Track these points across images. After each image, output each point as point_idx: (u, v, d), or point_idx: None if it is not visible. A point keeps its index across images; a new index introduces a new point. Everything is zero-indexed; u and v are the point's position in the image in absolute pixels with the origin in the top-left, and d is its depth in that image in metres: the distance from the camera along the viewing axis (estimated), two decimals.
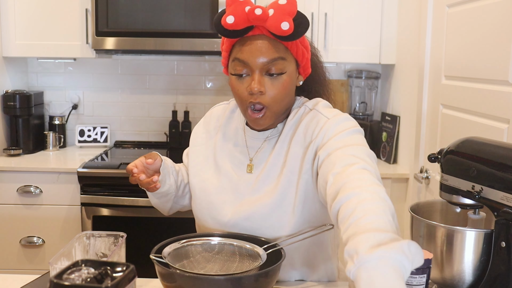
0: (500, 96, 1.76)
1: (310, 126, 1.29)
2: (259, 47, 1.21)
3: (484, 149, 1.17)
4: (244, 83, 1.25)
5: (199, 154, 1.41)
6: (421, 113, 2.46)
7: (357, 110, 3.18)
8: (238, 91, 1.26)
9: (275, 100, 1.25)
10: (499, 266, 1.10)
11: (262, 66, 1.23)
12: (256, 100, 1.24)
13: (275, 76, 1.24)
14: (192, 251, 1.23)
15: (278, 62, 1.23)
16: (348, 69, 3.28)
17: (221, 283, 1.06)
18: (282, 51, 1.24)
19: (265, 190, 1.30)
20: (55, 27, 2.90)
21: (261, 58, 1.22)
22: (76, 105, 3.29)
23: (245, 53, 1.22)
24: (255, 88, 1.22)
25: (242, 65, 1.24)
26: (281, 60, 1.23)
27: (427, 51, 2.39)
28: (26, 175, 2.69)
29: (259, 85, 1.22)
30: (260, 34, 1.22)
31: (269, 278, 1.11)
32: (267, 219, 1.29)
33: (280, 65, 1.23)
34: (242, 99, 1.26)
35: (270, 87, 1.24)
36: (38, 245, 2.73)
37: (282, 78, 1.24)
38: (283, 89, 1.25)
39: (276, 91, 1.24)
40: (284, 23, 1.18)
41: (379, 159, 3.03)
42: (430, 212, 1.34)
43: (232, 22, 1.19)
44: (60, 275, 0.88)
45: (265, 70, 1.23)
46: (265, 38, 1.22)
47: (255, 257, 1.20)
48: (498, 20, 1.78)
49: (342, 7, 2.90)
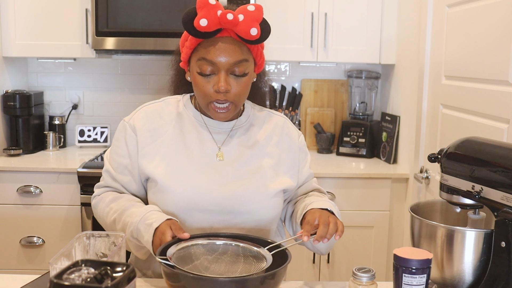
0: (500, 96, 1.76)
1: (283, 130, 1.50)
2: (226, 49, 1.30)
3: (484, 149, 1.17)
4: (210, 82, 1.33)
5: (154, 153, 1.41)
6: (421, 113, 2.46)
7: (357, 110, 3.18)
8: (203, 88, 1.33)
9: (239, 97, 1.35)
10: (499, 266, 1.10)
11: (228, 67, 1.31)
12: (222, 98, 1.32)
13: (238, 76, 1.33)
14: (196, 252, 1.22)
15: (242, 64, 1.33)
16: (348, 69, 3.28)
17: (227, 285, 1.05)
18: (245, 53, 1.33)
19: (241, 175, 1.40)
20: (55, 27, 2.90)
21: (227, 59, 1.30)
22: (76, 105, 3.29)
23: (212, 54, 1.30)
24: (222, 88, 1.30)
25: (209, 64, 1.31)
26: (245, 62, 1.33)
27: (427, 51, 2.39)
28: (26, 175, 2.69)
29: (226, 84, 1.31)
30: (227, 36, 1.31)
31: (275, 280, 1.11)
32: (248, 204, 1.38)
33: (244, 67, 1.33)
34: (206, 96, 1.34)
35: (235, 86, 1.33)
36: (38, 245, 2.73)
37: (245, 78, 1.34)
38: (246, 87, 1.36)
39: (240, 89, 1.34)
40: (253, 29, 1.28)
41: (379, 159, 3.03)
42: (430, 212, 1.34)
43: (205, 25, 1.27)
44: (60, 275, 0.88)
45: (230, 70, 1.32)
46: (232, 40, 1.31)
47: (260, 258, 1.20)
48: (498, 20, 1.78)
49: (342, 7, 2.90)
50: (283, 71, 3.31)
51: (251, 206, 1.39)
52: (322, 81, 3.28)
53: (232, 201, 1.37)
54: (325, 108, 3.29)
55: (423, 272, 1.07)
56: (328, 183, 2.67)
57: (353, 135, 3.08)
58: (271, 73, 3.30)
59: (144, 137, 1.42)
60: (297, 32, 2.92)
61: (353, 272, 1.14)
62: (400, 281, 1.09)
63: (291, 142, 1.49)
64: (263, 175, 1.42)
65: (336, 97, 3.30)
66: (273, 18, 2.91)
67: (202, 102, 1.36)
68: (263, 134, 1.46)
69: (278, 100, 3.25)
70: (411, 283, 1.07)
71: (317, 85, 3.28)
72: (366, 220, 2.72)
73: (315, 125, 3.20)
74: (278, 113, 1.54)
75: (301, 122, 3.29)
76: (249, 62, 1.34)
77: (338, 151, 3.12)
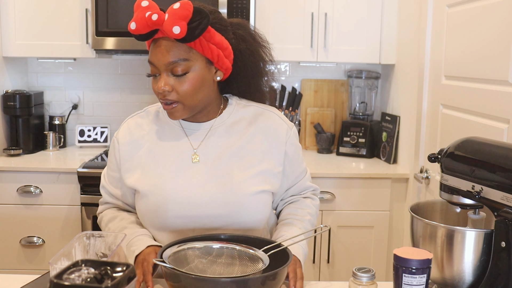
0: (500, 96, 1.76)
1: (276, 127, 1.45)
2: (162, 49, 1.30)
3: (484, 149, 1.17)
4: (155, 82, 1.34)
5: (135, 165, 1.42)
6: (421, 113, 2.46)
7: (357, 110, 3.18)
8: (153, 89, 1.35)
9: (185, 96, 1.32)
10: (499, 266, 1.10)
11: (166, 67, 1.31)
12: (165, 97, 1.32)
13: (180, 76, 1.31)
14: (192, 255, 1.22)
15: (180, 63, 1.30)
16: (348, 69, 3.28)
17: (228, 285, 1.06)
18: (184, 52, 1.30)
19: (217, 177, 1.38)
20: (55, 27, 2.90)
21: (163, 60, 1.30)
22: (76, 105, 3.29)
23: (151, 55, 1.32)
24: (161, 88, 1.31)
25: (153, 66, 1.33)
26: (183, 61, 1.30)
27: (427, 51, 2.39)
28: (26, 175, 2.69)
29: (164, 84, 1.31)
30: (164, 36, 1.30)
31: (276, 280, 1.11)
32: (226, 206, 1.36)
33: (183, 66, 1.30)
34: (157, 96, 1.35)
35: (177, 85, 1.31)
36: (38, 245, 2.73)
37: (188, 76, 1.31)
38: (191, 86, 1.32)
39: (184, 88, 1.32)
40: (175, 27, 1.24)
41: (379, 159, 3.03)
42: (430, 212, 1.34)
43: (135, 28, 1.28)
44: (60, 275, 0.88)
45: (169, 70, 1.31)
46: (168, 40, 1.30)
47: (256, 260, 1.20)
48: (498, 20, 1.78)
49: (342, 7, 2.90)
50: (283, 71, 3.31)
51: (229, 209, 1.36)
52: (322, 81, 3.28)
53: (210, 205, 1.35)
54: (325, 108, 3.29)
55: (423, 272, 1.07)
56: (328, 183, 2.67)
57: (353, 135, 3.08)
58: None
59: (125, 150, 1.43)
60: (297, 32, 2.92)
61: (353, 272, 1.14)
62: (400, 281, 1.09)
63: (277, 138, 1.44)
64: (242, 175, 1.38)
65: (336, 97, 3.30)
66: (273, 18, 2.91)
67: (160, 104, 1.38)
68: (245, 131, 1.42)
69: (278, 100, 3.25)
70: (411, 283, 1.07)
71: (317, 85, 3.28)
72: (366, 220, 2.71)
73: (315, 125, 3.20)
74: (267, 107, 1.49)
75: (301, 122, 3.29)
76: (191, 61, 1.31)
77: (338, 151, 3.12)
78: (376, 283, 1.14)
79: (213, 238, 1.27)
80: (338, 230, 2.70)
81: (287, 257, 1.18)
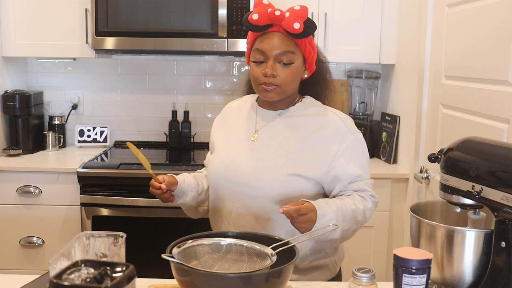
0: (500, 96, 1.76)
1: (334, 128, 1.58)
2: (275, 41, 1.52)
3: (484, 149, 1.17)
4: (260, 68, 1.55)
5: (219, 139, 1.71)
6: (421, 113, 2.46)
7: (357, 110, 3.18)
8: (255, 73, 1.56)
9: (283, 82, 1.54)
10: (499, 266, 1.10)
11: (276, 56, 1.53)
12: (268, 81, 1.53)
13: (285, 65, 1.54)
14: (201, 251, 1.24)
15: (288, 54, 1.53)
16: (348, 69, 3.28)
17: (234, 281, 1.06)
18: (292, 47, 1.54)
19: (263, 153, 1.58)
20: (55, 27, 2.90)
21: (275, 49, 1.52)
22: (76, 105, 3.29)
23: (264, 44, 1.53)
24: (269, 71, 1.52)
25: (261, 53, 1.54)
26: (291, 53, 1.53)
27: (427, 51, 2.39)
28: (25, 175, 2.69)
29: (272, 69, 1.52)
30: (277, 31, 1.53)
31: (281, 278, 1.11)
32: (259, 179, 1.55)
33: (290, 57, 1.53)
34: (257, 80, 1.56)
35: (281, 72, 1.53)
36: (37, 245, 2.73)
37: (291, 67, 1.54)
38: (291, 75, 1.55)
39: (285, 75, 1.54)
40: (296, 23, 1.48)
41: (379, 159, 3.03)
42: (430, 212, 1.34)
43: (256, 19, 1.51)
44: (60, 275, 0.88)
45: (278, 59, 1.53)
46: (281, 35, 1.53)
47: (263, 257, 1.21)
48: (498, 20, 1.78)
49: (342, 7, 2.90)
50: None
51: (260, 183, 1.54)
52: None
53: (249, 175, 1.56)
54: None
55: (423, 272, 1.07)
56: None
57: None
58: None
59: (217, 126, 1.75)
60: None
61: (353, 272, 1.14)
62: (400, 281, 1.09)
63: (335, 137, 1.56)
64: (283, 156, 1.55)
65: (336, 97, 3.29)
66: None
67: (255, 85, 1.58)
68: (304, 125, 1.59)
69: None
70: (411, 283, 1.07)
71: None
72: None
73: None
74: (334, 110, 1.64)
75: None
76: (296, 54, 1.53)
77: None
78: (376, 283, 1.14)
79: (221, 235, 1.28)
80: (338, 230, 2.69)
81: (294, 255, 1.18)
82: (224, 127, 1.72)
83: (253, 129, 1.64)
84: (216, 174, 1.63)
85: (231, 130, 1.69)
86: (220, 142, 1.69)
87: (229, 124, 1.71)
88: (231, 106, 1.78)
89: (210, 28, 2.78)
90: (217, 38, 2.79)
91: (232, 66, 3.29)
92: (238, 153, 1.62)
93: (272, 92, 1.55)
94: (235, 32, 2.79)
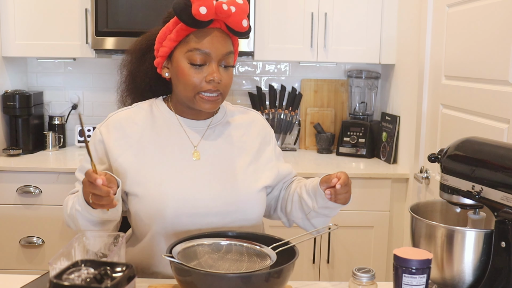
0: (500, 96, 1.76)
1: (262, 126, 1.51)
2: (219, 39, 1.31)
3: (484, 149, 1.17)
4: (202, 72, 1.32)
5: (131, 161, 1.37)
6: (421, 113, 2.46)
7: (357, 110, 3.18)
8: (192, 78, 1.32)
9: (227, 88, 1.36)
10: (499, 266, 1.10)
11: (221, 57, 1.32)
12: (214, 88, 1.32)
13: (226, 68, 1.35)
14: (201, 251, 1.24)
15: (231, 56, 1.35)
16: (348, 69, 3.28)
17: (234, 281, 1.07)
18: (231, 46, 1.36)
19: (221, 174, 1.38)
20: (55, 27, 2.90)
21: (222, 49, 1.32)
22: (76, 105, 3.29)
23: (206, 44, 1.30)
24: (216, 77, 1.31)
25: (202, 55, 1.31)
26: (232, 54, 1.36)
27: (427, 51, 2.39)
28: (25, 175, 2.69)
29: (219, 74, 1.32)
30: (218, 27, 1.32)
31: (281, 278, 1.11)
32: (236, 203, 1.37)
33: (231, 58, 1.36)
34: (196, 86, 1.32)
35: (225, 76, 1.34)
36: (37, 245, 2.73)
37: (231, 69, 1.37)
38: (231, 78, 1.38)
39: (228, 80, 1.36)
40: (244, 21, 1.31)
41: (379, 159, 3.03)
42: (430, 212, 1.34)
43: (205, 13, 1.26)
44: (60, 275, 0.88)
45: (221, 61, 1.33)
46: (222, 32, 1.33)
47: (264, 257, 1.21)
48: (498, 20, 1.78)
49: (342, 7, 2.90)
50: (283, 71, 3.31)
51: (240, 206, 1.37)
52: (322, 81, 3.28)
53: (219, 202, 1.35)
54: (325, 108, 3.29)
55: (423, 272, 1.07)
56: None
57: (353, 135, 3.08)
58: (271, 73, 3.30)
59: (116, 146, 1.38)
60: (297, 32, 2.92)
61: (353, 272, 1.14)
62: (400, 281, 1.09)
63: (265, 137, 1.50)
64: (246, 172, 1.41)
65: (336, 97, 3.30)
66: (273, 18, 2.91)
67: (189, 94, 1.33)
68: (239, 130, 1.46)
69: (278, 100, 3.25)
70: (411, 283, 1.07)
71: (317, 85, 3.28)
72: (366, 220, 2.71)
73: (315, 125, 3.20)
74: (250, 109, 1.56)
75: (301, 122, 3.29)
76: (234, 55, 1.37)
77: (338, 151, 3.12)
78: (376, 283, 1.14)
79: (221, 235, 1.28)
80: (338, 230, 2.69)
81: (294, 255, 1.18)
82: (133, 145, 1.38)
83: (189, 146, 1.39)
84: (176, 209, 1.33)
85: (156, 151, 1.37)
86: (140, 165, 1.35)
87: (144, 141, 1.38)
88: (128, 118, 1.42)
89: None
90: None
91: None
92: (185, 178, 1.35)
93: (216, 102, 1.34)
94: None
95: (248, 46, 2.82)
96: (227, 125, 1.45)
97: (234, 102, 3.28)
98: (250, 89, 3.31)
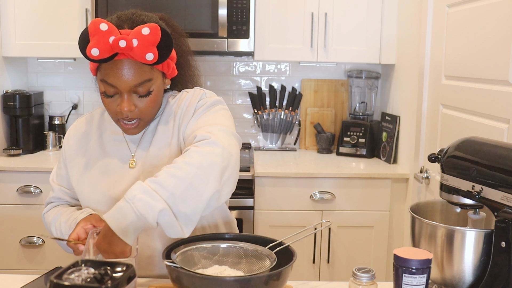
0: (500, 96, 1.76)
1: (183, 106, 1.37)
2: (126, 72, 1.25)
3: (484, 149, 1.17)
4: (114, 102, 1.29)
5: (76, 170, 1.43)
6: (421, 113, 2.46)
7: (357, 110, 3.18)
8: (108, 106, 1.31)
9: (146, 113, 1.31)
10: (499, 266, 1.10)
11: (129, 89, 1.27)
12: (127, 117, 1.30)
13: (143, 96, 1.29)
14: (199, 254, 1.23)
15: (145, 85, 1.28)
16: (348, 69, 3.28)
17: (231, 284, 1.06)
18: (147, 73, 1.28)
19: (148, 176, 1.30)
20: (55, 27, 2.90)
21: (128, 83, 1.26)
22: (76, 105, 3.29)
23: (112, 77, 1.26)
24: (125, 109, 1.27)
25: (111, 87, 1.27)
26: (147, 82, 1.28)
27: (427, 51, 2.39)
28: (26, 175, 2.69)
29: (129, 105, 1.27)
30: (125, 58, 1.25)
31: (280, 280, 1.11)
32: None
33: (147, 87, 1.28)
34: (113, 114, 1.32)
35: (140, 104, 1.29)
36: (38, 245, 2.73)
37: (150, 95, 1.30)
38: (152, 103, 1.31)
39: (146, 106, 1.30)
40: (148, 54, 1.22)
41: (379, 159, 3.03)
42: (430, 212, 1.34)
43: (97, 55, 1.22)
44: (60, 275, 0.88)
45: (132, 91, 1.28)
46: (131, 62, 1.25)
47: (262, 258, 1.21)
48: (498, 20, 1.78)
49: (342, 7, 2.91)
50: (283, 71, 3.31)
51: None
52: (322, 81, 3.28)
53: None
54: (325, 108, 3.29)
55: (423, 272, 1.07)
56: (328, 183, 2.67)
57: (353, 135, 3.08)
58: (271, 73, 3.30)
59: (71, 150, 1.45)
60: (297, 32, 2.92)
61: (353, 272, 1.14)
62: (400, 281, 1.09)
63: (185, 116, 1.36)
64: None
65: (336, 97, 3.30)
66: (273, 18, 2.91)
67: (113, 118, 1.35)
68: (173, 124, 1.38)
69: (278, 100, 3.25)
70: (411, 283, 1.07)
71: (317, 85, 3.28)
72: (366, 220, 2.71)
73: (315, 125, 3.20)
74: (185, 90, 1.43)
75: (301, 122, 3.29)
76: (154, 79, 1.29)
77: (338, 151, 3.12)
78: (376, 283, 1.14)
79: (218, 238, 1.28)
80: (338, 230, 2.70)
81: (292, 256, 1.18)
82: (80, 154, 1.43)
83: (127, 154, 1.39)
84: None
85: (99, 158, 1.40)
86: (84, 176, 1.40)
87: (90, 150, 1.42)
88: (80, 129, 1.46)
89: (210, 28, 2.78)
90: (217, 38, 2.79)
91: (232, 66, 3.29)
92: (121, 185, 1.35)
93: (135, 128, 1.33)
94: (235, 32, 2.79)
95: (248, 46, 2.82)
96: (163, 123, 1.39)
97: (234, 102, 3.28)
98: (250, 89, 3.31)
